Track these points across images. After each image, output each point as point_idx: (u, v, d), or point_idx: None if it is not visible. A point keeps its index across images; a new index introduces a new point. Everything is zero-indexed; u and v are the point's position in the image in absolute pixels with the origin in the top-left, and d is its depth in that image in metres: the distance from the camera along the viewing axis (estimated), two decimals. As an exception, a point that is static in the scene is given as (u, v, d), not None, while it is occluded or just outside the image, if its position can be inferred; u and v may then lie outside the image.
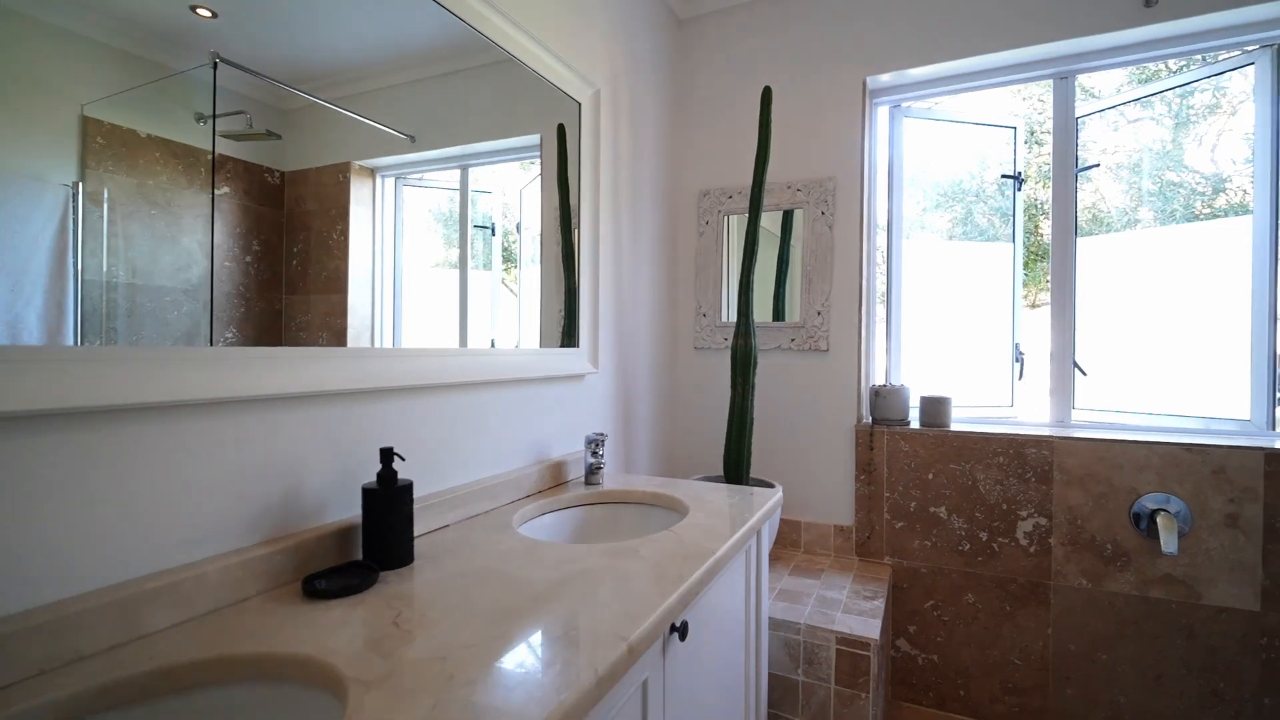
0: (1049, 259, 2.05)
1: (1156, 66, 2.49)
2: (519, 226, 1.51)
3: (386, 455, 0.96)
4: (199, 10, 0.83)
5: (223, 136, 0.85)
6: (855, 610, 1.70)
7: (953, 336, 2.23)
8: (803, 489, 2.16)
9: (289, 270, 0.95)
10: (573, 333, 1.67)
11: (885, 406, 2.08)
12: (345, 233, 1.04)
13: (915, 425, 2.04)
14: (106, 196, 0.73)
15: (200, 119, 0.82)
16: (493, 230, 1.42)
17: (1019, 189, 2.18)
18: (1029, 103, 4.02)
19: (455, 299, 1.32)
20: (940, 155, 2.26)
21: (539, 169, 1.56)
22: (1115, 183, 2.10)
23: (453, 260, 1.32)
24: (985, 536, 1.91)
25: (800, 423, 2.17)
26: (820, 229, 2.12)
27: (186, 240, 0.81)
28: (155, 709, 0.65)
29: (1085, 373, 2.02)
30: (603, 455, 1.51)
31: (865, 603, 1.75)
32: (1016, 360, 2.17)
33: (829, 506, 2.13)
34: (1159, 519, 1.67)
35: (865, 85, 2.09)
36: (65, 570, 0.68)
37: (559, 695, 0.61)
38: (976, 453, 1.92)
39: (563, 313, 1.65)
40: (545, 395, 1.55)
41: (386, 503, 0.94)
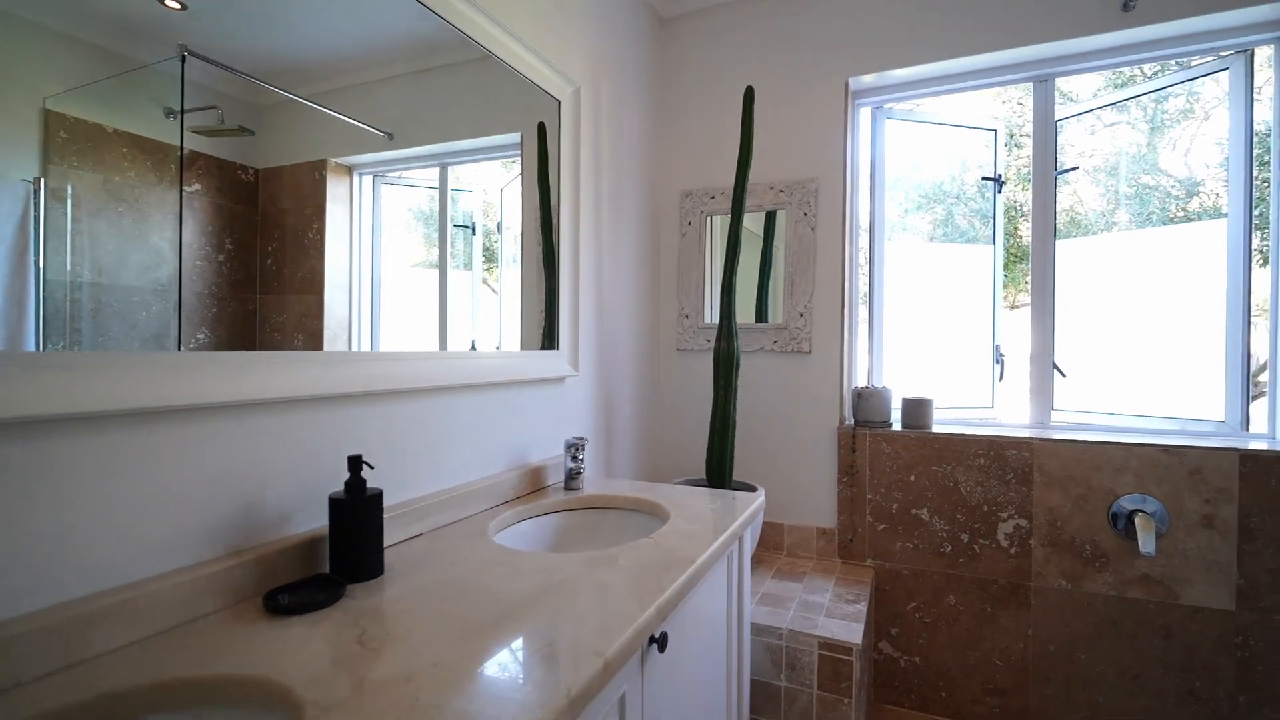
0: (1028, 261, 2.06)
1: (1132, 71, 2.52)
2: (500, 226, 1.48)
3: (355, 463, 0.92)
4: (167, 1, 0.79)
5: (193, 132, 0.82)
6: (838, 614, 1.69)
7: (934, 338, 2.23)
8: (786, 491, 2.15)
9: (263, 270, 0.92)
10: (553, 335, 1.64)
11: (867, 408, 2.08)
12: (321, 231, 1.02)
13: (897, 427, 2.04)
14: (70, 193, 0.70)
15: (170, 114, 0.80)
16: (473, 230, 1.39)
17: (999, 191, 2.19)
18: (1008, 106, 4.07)
19: (435, 299, 1.29)
20: (922, 157, 2.26)
21: (520, 168, 1.53)
22: (1093, 186, 2.12)
23: (433, 260, 1.29)
24: (966, 538, 1.91)
25: (783, 425, 2.16)
26: (803, 230, 2.11)
27: (155, 238, 0.78)
28: (99, 738, 0.61)
29: (1064, 374, 2.04)
30: (583, 460, 1.48)
31: (848, 606, 1.74)
32: (997, 361, 2.18)
33: (812, 509, 2.12)
34: (1137, 520, 1.68)
35: (848, 86, 2.09)
36: (1, 590, 0.63)
37: (530, 717, 0.58)
38: (958, 454, 1.92)
39: (544, 314, 1.62)
40: (524, 399, 1.52)
41: (354, 513, 0.90)
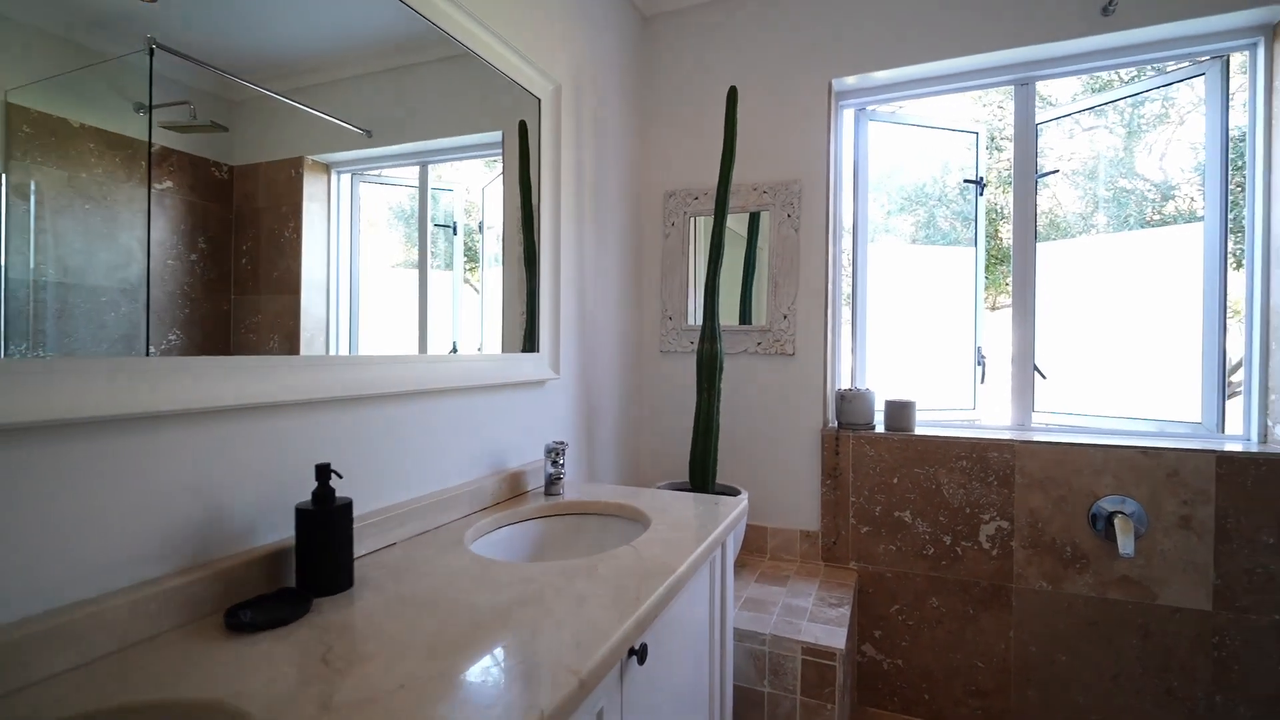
0: (1009, 263, 2.07)
1: (1109, 76, 2.55)
2: (482, 226, 1.45)
3: (323, 472, 0.89)
4: (136, -8, 0.76)
5: (164, 127, 0.79)
6: (821, 618, 1.68)
7: (917, 340, 2.23)
8: (769, 494, 2.14)
9: (238, 269, 0.89)
10: (534, 337, 1.61)
11: (851, 410, 2.07)
12: (298, 230, 0.99)
13: (880, 429, 2.04)
14: (34, 189, 0.67)
15: (139, 109, 0.77)
16: (454, 229, 1.36)
17: (980, 193, 2.20)
18: (989, 109, 4.10)
19: (415, 300, 1.26)
20: (904, 159, 2.26)
21: (502, 166, 1.50)
22: (1072, 189, 2.13)
23: (413, 260, 1.26)
24: (949, 540, 1.91)
25: (767, 427, 2.15)
26: (786, 232, 2.10)
27: (125, 237, 0.75)
28: (40, 770, 0.57)
29: (1045, 376, 2.05)
30: (563, 464, 1.45)
31: (831, 610, 1.73)
32: (979, 363, 2.19)
33: (795, 512, 2.11)
34: (1116, 521, 1.69)
35: (831, 88, 2.08)
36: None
37: (500, 742, 0.55)
38: (940, 457, 1.92)
39: (525, 316, 1.59)
40: (504, 403, 1.48)
41: (322, 523, 0.87)
